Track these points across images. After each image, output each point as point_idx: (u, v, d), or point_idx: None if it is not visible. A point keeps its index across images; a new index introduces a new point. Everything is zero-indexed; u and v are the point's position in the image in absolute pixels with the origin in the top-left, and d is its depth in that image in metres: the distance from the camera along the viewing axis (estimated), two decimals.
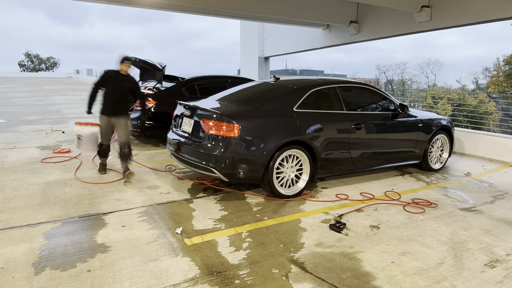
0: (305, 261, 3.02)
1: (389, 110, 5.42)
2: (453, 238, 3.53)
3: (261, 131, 4.21)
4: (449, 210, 4.28)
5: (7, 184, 4.71)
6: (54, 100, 16.65)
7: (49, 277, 2.67)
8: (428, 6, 7.84)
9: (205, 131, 4.27)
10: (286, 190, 4.47)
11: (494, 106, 25.81)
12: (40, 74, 51.60)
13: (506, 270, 2.98)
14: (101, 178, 5.04)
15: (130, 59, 5.09)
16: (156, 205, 4.13)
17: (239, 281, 2.70)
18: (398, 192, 4.85)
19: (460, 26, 7.77)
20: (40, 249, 3.08)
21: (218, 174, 4.20)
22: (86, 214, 3.83)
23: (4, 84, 28.08)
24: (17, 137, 7.84)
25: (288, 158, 4.46)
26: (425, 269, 2.94)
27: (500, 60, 33.11)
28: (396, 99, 5.74)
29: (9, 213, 3.78)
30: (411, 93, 34.33)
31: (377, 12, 9.25)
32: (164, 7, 8.56)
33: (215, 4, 8.06)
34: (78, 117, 11.12)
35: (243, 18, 10.15)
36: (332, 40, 10.93)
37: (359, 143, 4.96)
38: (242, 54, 15.55)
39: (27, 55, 64.81)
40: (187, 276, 2.75)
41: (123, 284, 2.63)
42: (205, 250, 3.15)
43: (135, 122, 6.99)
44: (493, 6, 6.88)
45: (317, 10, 9.23)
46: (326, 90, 4.94)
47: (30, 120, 10.25)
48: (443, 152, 6.11)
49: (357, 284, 2.71)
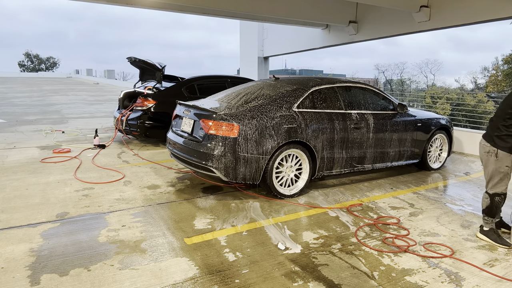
0: (305, 260, 3.03)
1: (388, 110, 5.44)
2: (453, 238, 3.55)
3: (261, 130, 4.22)
4: (448, 210, 4.29)
5: (7, 184, 4.71)
6: (54, 100, 16.65)
7: (49, 277, 2.68)
8: (427, 6, 7.85)
9: (205, 131, 4.28)
10: (285, 190, 4.49)
11: (493, 106, 25.84)
12: (40, 74, 51.54)
13: (505, 269, 2.99)
14: (101, 178, 5.05)
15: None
16: (156, 205, 4.14)
17: (238, 280, 2.71)
18: (398, 192, 4.87)
19: (459, 26, 7.80)
20: (40, 249, 3.09)
21: (217, 173, 4.20)
22: (86, 214, 3.84)
23: (4, 84, 28.07)
24: (17, 137, 7.85)
25: (288, 158, 4.47)
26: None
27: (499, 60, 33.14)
28: (395, 98, 5.75)
29: (9, 213, 3.79)
30: (410, 92, 34.38)
31: (376, 12, 9.27)
32: (164, 7, 8.57)
33: (214, 4, 8.06)
34: (78, 117, 11.13)
35: (242, 18, 10.17)
36: (331, 40, 10.95)
37: (358, 143, 4.98)
38: (241, 54, 15.55)
39: (27, 55, 64.73)
40: (187, 276, 2.76)
41: (123, 283, 2.64)
42: (205, 250, 3.15)
43: (135, 122, 7.00)
44: (491, 6, 6.90)
45: (316, 10, 9.25)
46: (326, 90, 4.95)
47: (30, 120, 10.25)
48: (442, 151, 6.13)
49: (356, 283, 2.72)
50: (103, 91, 22.78)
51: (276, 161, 4.33)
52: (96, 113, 12.21)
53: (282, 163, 4.43)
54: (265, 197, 4.46)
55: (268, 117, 4.32)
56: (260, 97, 4.59)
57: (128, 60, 7.51)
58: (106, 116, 11.44)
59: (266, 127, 4.26)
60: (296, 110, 4.54)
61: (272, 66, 15.89)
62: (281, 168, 4.43)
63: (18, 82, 31.99)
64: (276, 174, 4.40)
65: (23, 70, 62.03)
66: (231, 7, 8.26)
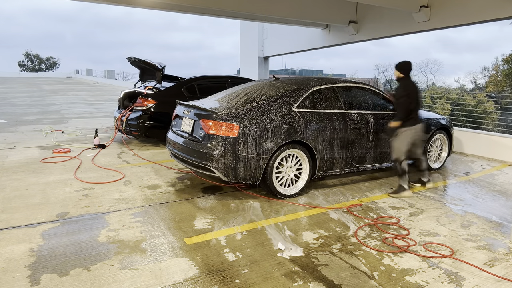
0: (305, 260, 3.03)
1: (388, 110, 5.43)
2: (453, 238, 3.55)
3: (261, 130, 4.22)
4: (448, 210, 4.29)
5: (7, 184, 4.71)
6: (54, 100, 16.65)
7: (49, 277, 2.68)
8: (427, 6, 7.85)
9: (205, 131, 4.28)
10: (285, 190, 4.49)
11: (493, 106, 25.83)
12: (40, 74, 51.52)
13: (505, 269, 2.99)
14: (101, 178, 5.05)
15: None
16: (156, 205, 4.14)
17: (238, 280, 2.71)
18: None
19: (459, 26, 7.79)
20: (40, 249, 3.09)
21: (217, 173, 4.20)
22: (86, 214, 3.84)
23: (4, 84, 28.07)
24: (17, 137, 7.85)
25: (288, 158, 4.47)
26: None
27: (499, 60, 33.12)
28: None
29: (9, 213, 3.79)
30: None
31: (376, 12, 9.26)
32: (163, 7, 8.57)
33: (214, 4, 8.06)
34: (78, 117, 11.13)
35: (242, 18, 10.17)
36: (331, 40, 10.94)
37: (358, 143, 4.98)
38: (241, 54, 15.55)
39: (27, 55, 64.69)
40: (187, 276, 2.76)
41: (123, 283, 2.64)
42: (205, 250, 3.15)
43: (135, 122, 7.01)
44: (491, 6, 6.90)
45: (316, 10, 9.24)
46: (326, 90, 4.95)
47: (30, 120, 10.25)
48: (442, 151, 6.13)
49: (356, 283, 2.72)
50: (103, 91, 22.78)
51: (276, 161, 4.33)
52: (96, 113, 12.21)
53: (282, 163, 4.43)
54: (265, 197, 4.46)
55: (268, 117, 4.32)
56: (260, 97, 4.59)
57: (128, 60, 7.51)
58: (106, 116, 11.44)
59: (266, 127, 4.26)
60: (296, 110, 4.54)
61: (272, 66, 15.91)
62: (281, 168, 4.43)
63: (18, 82, 31.99)
64: (276, 174, 4.40)
65: (23, 70, 61.99)
66: (231, 7, 8.26)
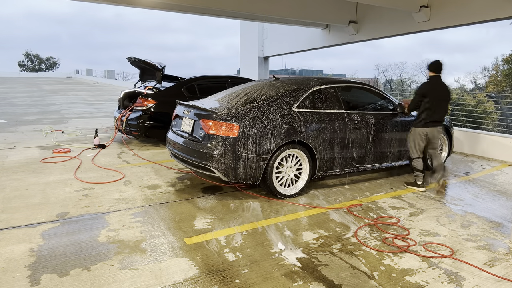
0: (305, 260, 3.03)
1: (388, 110, 5.44)
2: (453, 238, 3.55)
3: (261, 130, 4.22)
4: (448, 210, 4.29)
5: (7, 184, 4.71)
6: (54, 100, 16.65)
7: (49, 277, 2.68)
8: (427, 6, 7.85)
9: (205, 131, 4.28)
10: (285, 190, 4.49)
11: (493, 106, 25.82)
12: (40, 74, 51.52)
13: (505, 269, 2.99)
14: (101, 178, 5.05)
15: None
16: (156, 205, 4.14)
17: (238, 280, 2.71)
18: (398, 192, 4.86)
19: (459, 26, 7.79)
20: (40, 249, 3.09)
21: (217, 173, 4.20)
22: (86, 214, 3.84)
23: (4, 84, 28.07)
24: (17, 137, 7.85)
25: (288, 158, 4.47)
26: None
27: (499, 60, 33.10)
28: (395, 98, 5.75)
29: (9, 213, 3.79)
30: (410, 92, 34.33)
31: (376, 12, 9.26)
32: (163, 7, 8.57)
33: (214, 4, 8.06)
34: (78, 117, 11.13)
35: (242, 18, 10.16)
36: (331, 40, 10.94)
37: (358, 143, 4.98)
38: (241, 54, 15.55)
39: (27, 55, 64.68)
40: (187, 276, 2.76)
41: (123, 283, 2.64)
42: (205, 250, 3.15)
43: (135, 122, 7.01)
44: (491, 6, 6.90)
45: (316, 10, 9.24)
46: (326, 90, 4.95)
47: (30, 120, 10.25)
48: (442, 151, 6.12)
49: (356, 283, 2.72)
50: (103, 91, 22.78)
51: (276, 161, 4.33)
52: (96, 113, 12.21)
53: (282, 163, 4.43)
54: (265, 197, 4.46)
55: (268, 117, 4.31)
56: (260, 97, 4.59)
57: (128, 60, 7.51)
58: (106, 116, 11.44)
59: (266, 127, 4.26)
60: (296, 110, 4.54)
61: (272, 66, 15.90)
62: (281, 168, 4.43)
63: (18, 82, 31.99)
64: (276, 174, 4.39)
65: (23, 70, 61.98)
66: (231, 7, 8.25)
